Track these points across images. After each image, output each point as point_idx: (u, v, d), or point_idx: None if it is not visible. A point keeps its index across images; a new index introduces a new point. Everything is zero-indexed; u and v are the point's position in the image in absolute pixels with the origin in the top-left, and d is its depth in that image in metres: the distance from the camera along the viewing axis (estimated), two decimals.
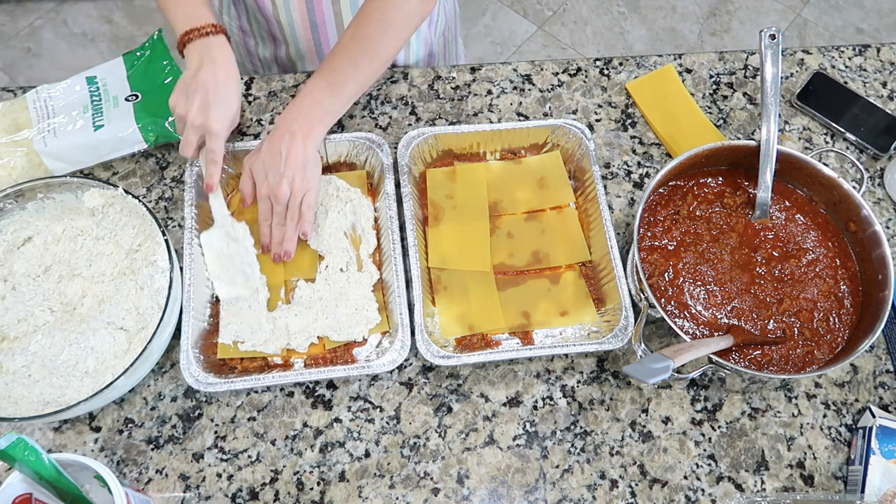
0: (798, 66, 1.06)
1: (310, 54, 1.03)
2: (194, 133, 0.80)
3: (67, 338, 0.75)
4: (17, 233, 0.81)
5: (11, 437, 0.59)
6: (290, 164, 0.80)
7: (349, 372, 0.76)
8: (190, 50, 0.81)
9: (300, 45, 1.01)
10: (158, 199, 0.90)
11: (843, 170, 0.97)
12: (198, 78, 0.79)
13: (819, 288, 0.82)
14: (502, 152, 0.93)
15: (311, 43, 1.01)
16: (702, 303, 0.81)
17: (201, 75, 0.79)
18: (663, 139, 0.97)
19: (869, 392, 0.83)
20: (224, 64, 0.81)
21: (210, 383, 0.74)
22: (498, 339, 0.82)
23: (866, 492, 0.74)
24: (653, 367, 0.67)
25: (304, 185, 0.81)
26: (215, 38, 0.82)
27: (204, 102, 0.78)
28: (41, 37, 2.20)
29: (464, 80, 1.01)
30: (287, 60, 1.06)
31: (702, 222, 0.85)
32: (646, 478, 0.77)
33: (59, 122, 0.87)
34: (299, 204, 0.81)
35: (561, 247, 0.87)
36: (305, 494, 0.75)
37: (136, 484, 0.75)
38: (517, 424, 0.79)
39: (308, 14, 0.96)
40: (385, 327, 0.81)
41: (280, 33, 1.00)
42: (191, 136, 0.80)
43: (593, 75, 1.03)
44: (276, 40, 1.03)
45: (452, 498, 0.75)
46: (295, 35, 0.99)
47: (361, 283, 0.83)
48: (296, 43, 1.01)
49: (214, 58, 0.80)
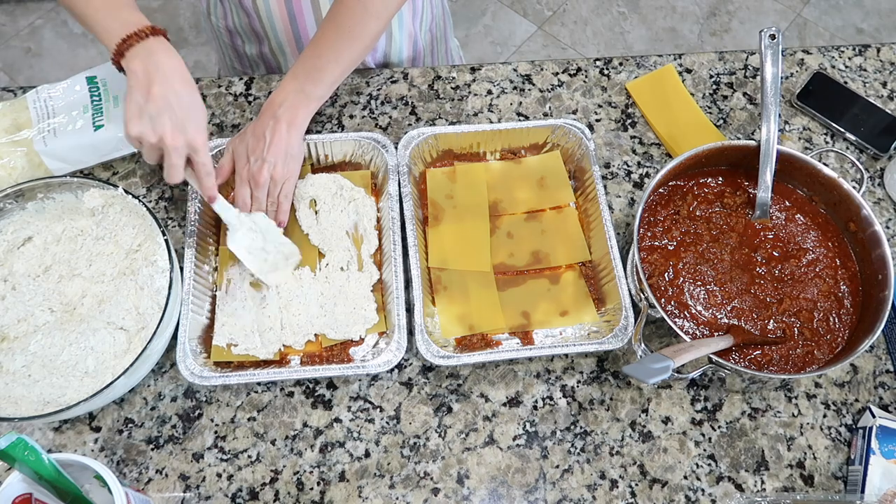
0: (798, 66, 1.06)
1: (290, 47, 1.03)
2: (178, 156, 0.75)
3: (67, 338, 0.75)
4: (17, 233, 0.81)
5: (11, 437, 0.59)
6: (272, 150, 0.80)
7: (345, 371, 0.76)
8: (130, 60, 0.74)
9: (280, 38, 1.01)
10: (158, 199, 0.90)
11: (843, 170, 0.97)
12: (153, 95, 0.73)
13: (819, 288, 0.82)
14: (502, 152, 0.93)
15: (291, 35, 1.00)
16: (702, 303, 0.81)
17: (156, 91, 0.73)
18: (663, 139, 0.97)
19: (869, 392, 0.83)
20: (176, 70, 0.75)
21: (205, 377, 0.74)
22: (498, 339, 0.82)
23: (866, 492, 0.74)
24: (653, 367, 0.67)
25: (285, 173, 0.81)
26: (156, 41, 0.75)
27: (176, 122, 0.73)
28: (41, 37, 2.20)
29: (464, 80, 1.01)
30: (271, 55, 1.06)
31: (702, 222, 0.85)
32: (646, 478, 0.77)
33: (59, 122, 0.87)
34: (277, 193, 0.81)
35: (561, 247, 0.87)
36: (305, 494, 0.75)
37: (136, 484, 0.75)
38: (517, 424, 0.79)
39: (286, 4, 0.96)
40: (382, 328, 0.81)
41: (261, 27, 1.00)
42: (175, 160, 0.75)
43: (593, 75, 1.03)
44: (258, 36, 1.03)
45: (452, 498, 0.75)
46: (274, 27, 0.99)
47: (361, 283, 0.83)
48: (276, 36, 1.01)
49: (161, 65, 0.74)
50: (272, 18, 0.98)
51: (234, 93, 0.98)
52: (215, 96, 0.98)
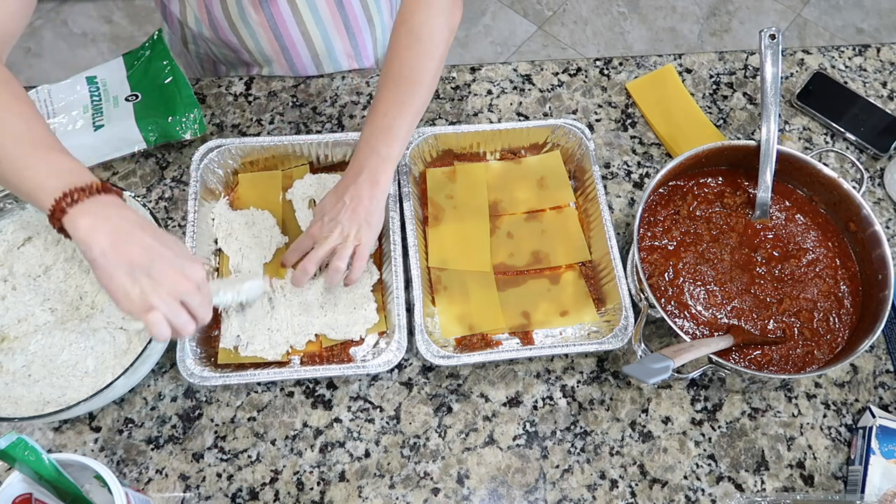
0: (798, 66, 1.06)
1: (283, 69, 1.03)
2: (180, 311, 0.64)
3: (67, 338, 0.75)
4: (17, 233, 0.81)
5: (11, 437, 0.59)
6: (349, 214, 0.75)
7: (345, 371, 0.76)
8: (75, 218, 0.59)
9: (273, 68, 1.02)
10: (158, 199, 0.90)
11: (843, 170, 0.97)
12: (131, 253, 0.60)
13: (819, 288, 0.82)
14: (502, 152, 0.93)
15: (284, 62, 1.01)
16: (702, 303, 0.81)
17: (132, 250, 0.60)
18: (663, 139, 0.97)
19: (869, 392, 0.83)
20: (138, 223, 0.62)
21: (205, 377, 0.74)
22: (498, 339, 0.82)
23: (866, 492, 0.74)
24: (653, 367, 0.67)
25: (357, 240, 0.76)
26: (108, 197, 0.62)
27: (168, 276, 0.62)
28: (41, 37, 2.20)
29: (464, 80, 1.01)
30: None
31: (702, 222, 0.85)
32: (646, 478, 0.77)
33: (59, 122, 0.87)
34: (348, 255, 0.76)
35: (561, 247, 0.87)
36: (305, 494, 0.75)
37: (136, 484, 0.75)
38: (517, 424, 0.79)
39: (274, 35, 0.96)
40: (383, 327, 0.81)
41: (251, 59, 1.01)
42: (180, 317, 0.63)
43: (593, 75, 1.03)
44: (248, 65, 1.03)
45: (452, 498, 0.75)
46: (264, 53, 0.99)
47: (361, 283, 0.83)
48: (269, 65, 1.02)
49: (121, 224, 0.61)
50: (263, 52, 0.99)
51: (234, 93, 0.98)
52: (215, 96, 0.98)
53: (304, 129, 0.96)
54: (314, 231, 0.78)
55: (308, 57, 1.00)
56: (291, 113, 0.97)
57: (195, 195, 0.84)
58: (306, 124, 0.96)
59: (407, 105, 0.78)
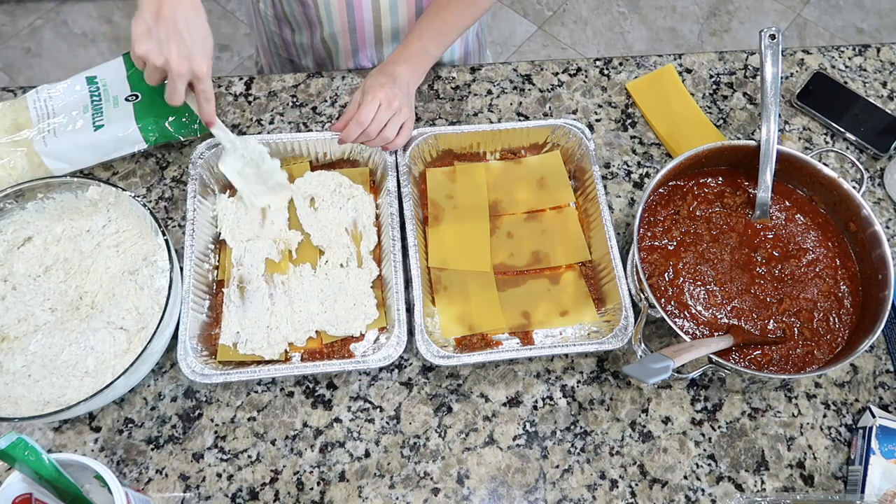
0: (798, 66, 1.06)
1: (343, 37, 1.02)
2: (181, 82, 0.75)
3: (67, 338, 0.75)
4: (17, 233, 0.81)
5: (11, 437, 0.59)
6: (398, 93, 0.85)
7: (345, 366, 0.76)
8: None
9: (335, 27, 1.01)
10: (158, 199, 0.90)
11: (843, 170, 0.97)
12: (163, 17, 0.72)
13: (819, 288, 0.82)
14: (502, 152, 0.93)
15: (346, 24, 1.00)
16: (702, 303, 0.81)
17: (166, 13, 0.72)
18: (663, 139, 0.97)
19: (869, 392, 0.83)
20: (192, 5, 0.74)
21: (206, 374, 0.74)
22: (498, 339, 0.82)
23: (866, 492, 0.74)
24: (653, 367, 0.67)
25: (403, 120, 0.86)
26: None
27: (183, 49, 0.73)
28: (41, 37, 2.20)
29: (464, 80, 1.01)
30: (322, 45, 1.05)
31: (702, 222, 0.85)
32: (646, 478, 0.77)
33: (59, 122, 0.87)
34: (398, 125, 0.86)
35: (561, 247, 0.87)
36: (305, 494, 0.75)
37: (136, 484, 0.75)
38: (517, 424, 0.79)
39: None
40: (383, 323, 0.81)
41: (316, 16, 0.99)
42: (178, 85, 0.75)
43: (593, 75, 1.03)
44: (311, 25, 1.02)
45: (452, 498, 0.75)
46: (331, 16, 0.98)
47: (361, 279, 0.83)
48: (331, 25, 1.00)
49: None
50: (329, 7, 0.97)
51: (234, 93, 0.98)
52: (215, 96, 0.97)
53: (304, 129, 0.96)
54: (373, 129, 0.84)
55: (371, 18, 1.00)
56: (291, 113, 0.97)
57: (194, 193, 0.84)
58: (306, 124, 0.96)
59: (467, 19, 0.94)
